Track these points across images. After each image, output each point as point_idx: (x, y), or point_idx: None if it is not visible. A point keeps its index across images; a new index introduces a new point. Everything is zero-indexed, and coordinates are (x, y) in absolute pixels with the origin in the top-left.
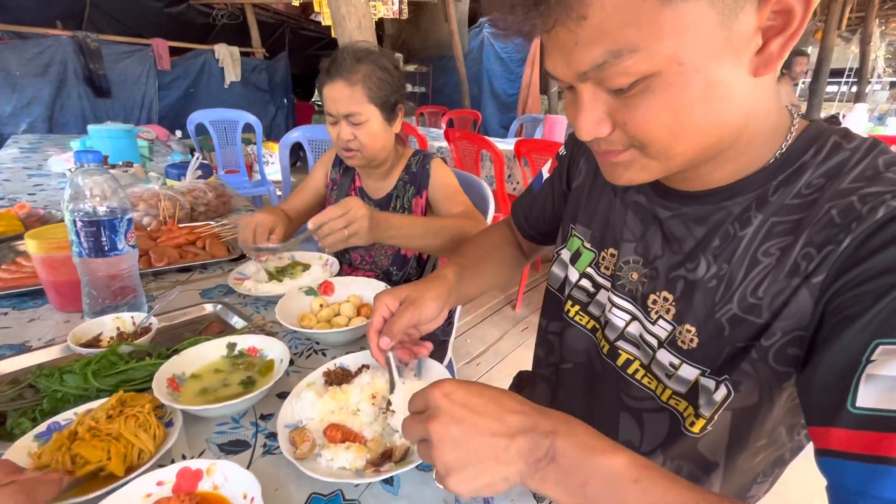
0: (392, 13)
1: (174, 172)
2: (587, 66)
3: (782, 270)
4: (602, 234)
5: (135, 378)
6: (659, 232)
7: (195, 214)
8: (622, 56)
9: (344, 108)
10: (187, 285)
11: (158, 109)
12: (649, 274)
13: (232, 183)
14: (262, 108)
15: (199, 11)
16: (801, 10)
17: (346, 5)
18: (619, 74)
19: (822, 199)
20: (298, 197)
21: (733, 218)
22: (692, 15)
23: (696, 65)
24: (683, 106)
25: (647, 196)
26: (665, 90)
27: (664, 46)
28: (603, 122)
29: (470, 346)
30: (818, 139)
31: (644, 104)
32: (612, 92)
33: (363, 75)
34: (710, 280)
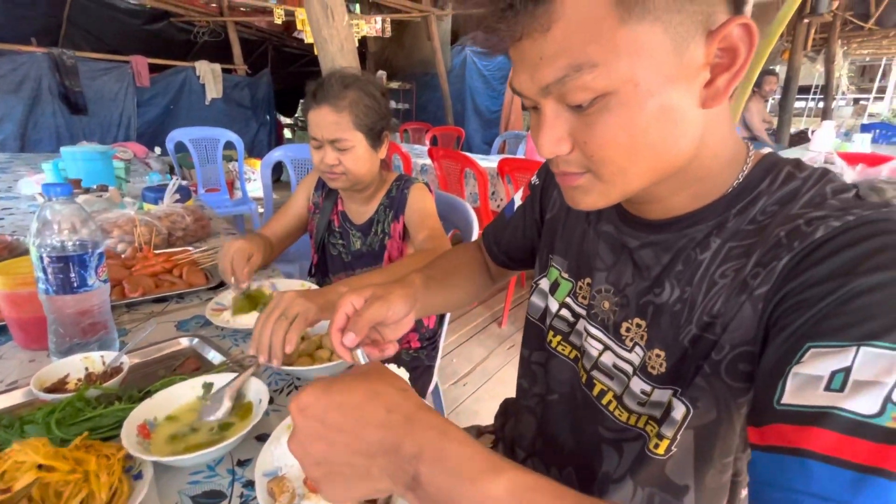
0: (375, 31)
1: (151, 196)
2: (550, 80)
3: (734, 289)
4: (577, 264)
5: (102, 426)
6: (629, 261)
7: (173, 240)
8: (582, 70)
9: (329, 134)
10: (162, 317)
11: (137, 126)
12: (620, 302)
13: (213, 202)
14: (243, 125)
15: (179, 28)
16: (744, 50)
17: (327, 28)
18: (578, 89)
19: (773, 224)
20: (280, 221)
21: (695, 244)
22: (648, 37)
23: (650, 87)
24: (638, 127)
25: (616, 226)
26: (621, 110)
27: (621, 65)
28: (563, 140)
29: (456, 366)
30: (773, 170)
31: (602, 122)
32: (573, 109)
33: (350, 102)
34: (674, 304)
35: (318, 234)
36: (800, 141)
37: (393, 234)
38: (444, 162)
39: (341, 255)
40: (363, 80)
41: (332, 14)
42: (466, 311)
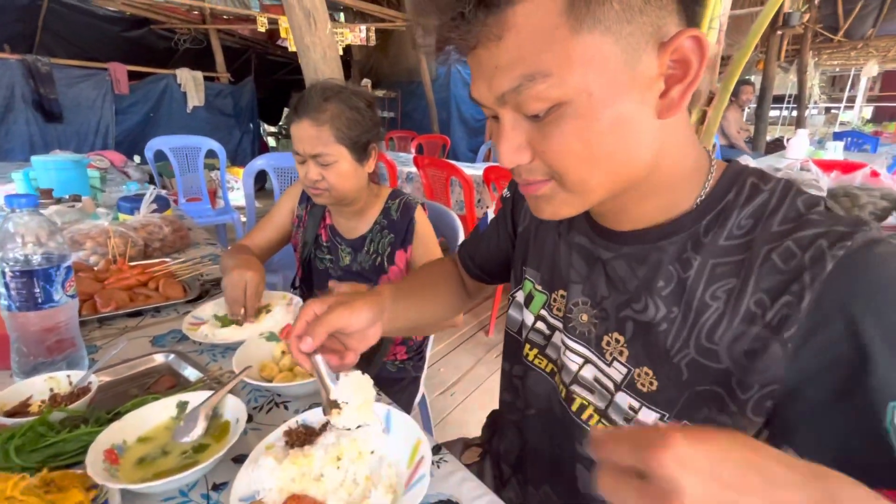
0: (360, 40)
1: (127, 206)
2: (505, 88)
3: (736, 315)
4: (551, 277)
5: (66, 451)
6: (602, 272)
7: (149, 251)
8: (535, 80)
9: (310, 149)
10: (137, 332)
11: (115, 134)
12: (599, 315)
13: (194, 211)
14: (226, 133)
15: (160, 36)
16: (696, 62)
17: (310, 35)
18: (533, 99)
19: (758, 242)
20: (263, 232)
21: (671, 258)
22: (599, 48)
23: (604, 98)
24: (593, 136)
25: (588, 237)
26: (576, 119)
27: (574, 75)
28: (523, 150)
29: (444, 375)
30: (737, 180)
31: (558, 132)
32: (530, 119)
33: (331, 115)
34: (660, 322)
35: (305, 248)
36: (776, 148)
37: (398, 263)
38: (430, 170)
39: (328, 270)
40: (346, 91)
41: (314, 22)
42: None
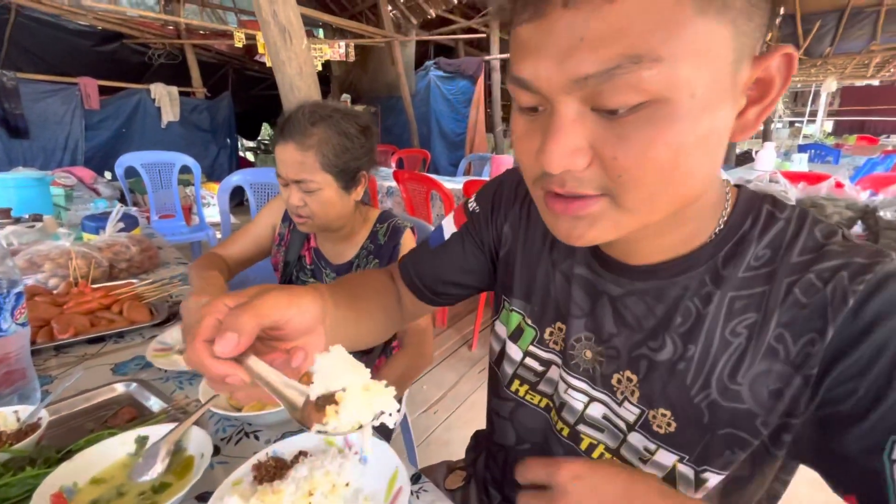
0: (339, 56)
1: (91, 225)
2: (592, 70)
3: (758, 353)
4: (544, 310)
5: (9, 497)
6: (609, 308)
7: (115, 272)
8: (641, 64)
9: (293, 174)
10: (97, 360)
11: (85, 150)
12: (607, 353)
13: (167, 229)
14: (202, 149)
15: (133, 50)
16: (780, 83)
17: (285, 51)
18: (627, 88)
19: (779, 274)
20: (239, 243)
21: (691, 294)
22: (718, 41)
23: (705, 102)
24: (684, 146)
25: (590, 268)
26: (670, 123)
27: (685, 66)
28: (581, 152)
29: (427, 392)
30: (751, 209)
31: (642, 136)
32: (603, 114)
33: (318, 140)
34: (678, 362)
35: (287, 270)
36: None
37: None
38: (410, 184)
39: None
40: (337, 115)
41: (289, 37)
42: (437, 335)
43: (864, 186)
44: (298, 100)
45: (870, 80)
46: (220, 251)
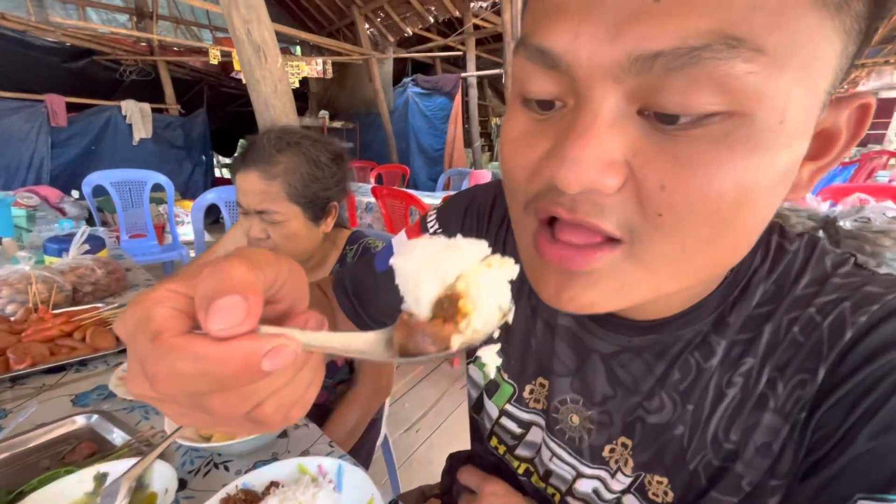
0: (316, 73)
1: (54, 248)
2: (668, 45)
3: (748, 402)
4: (523, 364)
5: None
6: (601, 367)
7: (79, 297)
8: (739, 50)
9: (256, 204)
10: (56, 391)
11: (50, 169)
12: (598, 419)
13: (138, 249)
14: (176, 166)
15: (104, 67)
16: (846, 139)
17: (260, 69)
18: (710, 84)
19: (780, 311)
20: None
21: (693, 346)
22: (826, 50)
23: (792, 134)
24: (756, 189)
25: (576, 319)
26: (750, 151)
27: (785, 75)
28: (616, 168)
29: (408, 411)
30: (759, 243)
31: (712, 162)
32: (656, 123)
33: (284, 169)
34: (675, 423)
35: None
36: None
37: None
38: (389, 200)
39: None
40: (307, 142)
41: (264, 56)
42: None
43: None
44: (274, 118)
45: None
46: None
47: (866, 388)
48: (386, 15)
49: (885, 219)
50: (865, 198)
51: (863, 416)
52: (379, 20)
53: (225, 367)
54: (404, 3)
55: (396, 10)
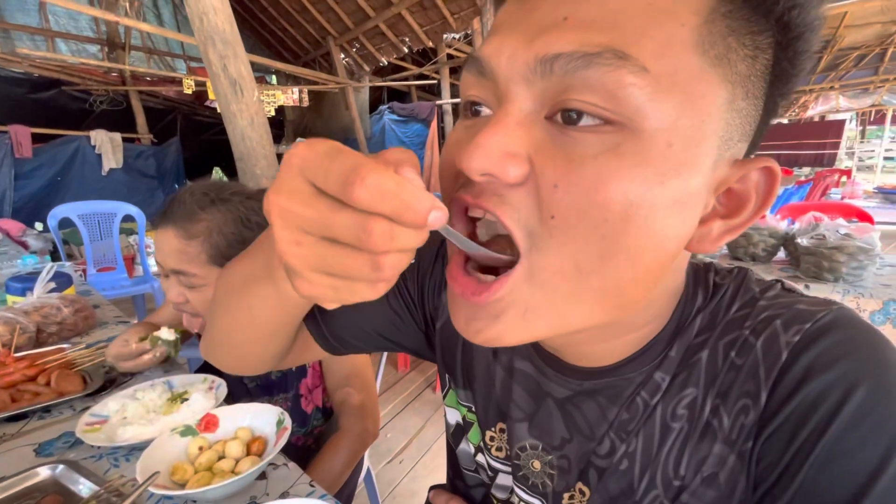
0: (292, 101)
1: (18, 287)
2: (568, 48)
3: (695, 433)
4: (486, 405)
5: None
6: (557, 412)
7: (44, 337)
8: (627, 62)
9: (173, 263)
10: (17, 440)
11: (13, 201)
12: (558, 464)
13: (107, 283)
14: (147, 195)
15: (72, 97)
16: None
17: (236, 103)
18: (601, 88)
19: (713, 337)
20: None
21: (640, 387)
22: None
23: (680, 161)
24: (644, 202)
25: (532, 363)
26: (636, 164)
27: (668, 101)
28: (518, 160)
29: (391, 441)
30: (699, 280)
31: (599, 167)
32: (559, 125)
33: (206, 227)
34: (621, 460)
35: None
36: None
37: (312, 364)
38: None
39: (242, 379)
40: (238, 197)
41: (240, 90)
42: (399, 379)
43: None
44: (250, 149)
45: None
46: (155, 319)
47: (803, 413)
48: (361, 45)
49: (838, 236)
50: (819, 216)
51: (803, 445)
52: (354, 50)
53: (415, 202)
54: (379, 34)
55: (371, 40)
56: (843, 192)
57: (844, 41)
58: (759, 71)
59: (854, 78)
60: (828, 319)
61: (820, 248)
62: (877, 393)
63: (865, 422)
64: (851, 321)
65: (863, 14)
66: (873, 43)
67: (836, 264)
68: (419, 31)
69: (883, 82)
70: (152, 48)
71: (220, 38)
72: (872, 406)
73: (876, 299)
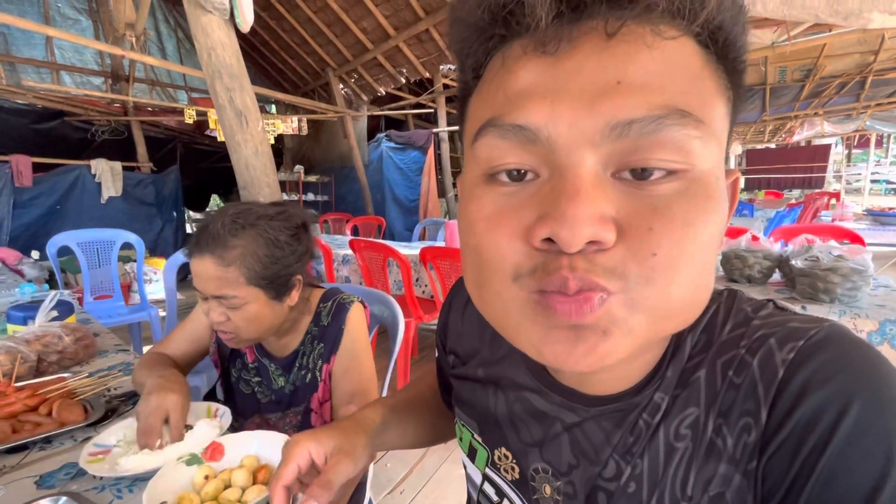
0: (291, 130)
1: (19, 315)
2: (638, 115)
3: (699, 453)
4: (491, 430)
5: None
6: (566, 436)
7: (44, 366)
8: (688, 119)
9: (213, 289)
10: (18, 472)
11: (10, 230)
12: (565, 490)
13: (104, 311)
14: (146, 224)
15: (74, 127)
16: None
17: (241, 133)
18: (673, 146)
19: (710, 356)
20: (177, 344)
21: (640, 409)
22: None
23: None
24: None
25: (538, 391)
26: (705, 203)
27: (714, 143)
28: (610, 222)
29: (391, 471)
30: None
31: (683, 210)
32: (631, 182)
33: (241, 253)
34: (627, 483)
35: (225, 366)
36: None
37: (324, 377)
38: (366, 253)
39: (256, 394)
40: (263, 223)
41: (245, 121)
42: None
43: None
44: (254, 178)
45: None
46: (166, 350)
47: (802, 431)
48: (359, 76)
49: (831, 257)
50: (812, 238)
51: (805, 463)
52: (353, 81)
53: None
54: (377, 65)
55: (370, 72)
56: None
57: (825, 70)
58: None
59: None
60: (821, 336)
61: (814, 270)
62: (873, 406)
63: (864, 437)
64: (844, 337)
65: (841, 45)
66: (853, 72)
67: (830, 285)
68: (416, 62)
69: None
70: (155, 80)
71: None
72: (870, 420)
73: (872, 320)
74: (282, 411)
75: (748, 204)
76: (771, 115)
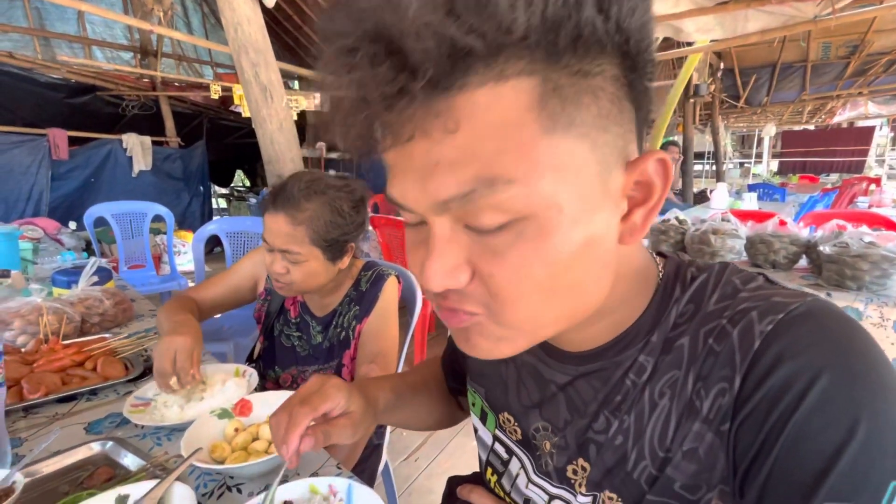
0: (314, 106)
1: (63, 280)
2: (451, 194)
3: (679, 412)
4: (497, 395)
5: None
6: (561, 395)
7: (87, 327)
8: (495, 187)
9: (281, 244)
10: (69, 419)
11: (49, 201)
12: (559, 443)
13: (137, 279)
14: (174, 197)
15: (106, 102)
16: (660, 186)
17: (266, 108)
18: (488, 209)
19: (694, 325)
20: (215, 289)
21: (627, 369)
22: (573, 155)
23: (576, 214)
24: (562, 261)
25: (537, 357)
26: (540, 239)
27: (543, 184)
28: (461, 269)
29: (406, 439)
30: (679, 275)
31: (516, 252)
32: (476, 232)
33: (310, 216)
34: (616, 436)
35: (268, 322)
36: (701, 199)
37: (356, 336)
38: (387, 230)
39: (296, 347)
40: (331, 192)
41: (270, 96)
42: None
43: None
44: (278, 153)
45: (805, 125)
46: (193, 294)
47: (773, 398)
48: None
49: (861, 244)
50: (843, 224)
51: (773, 428)
52: None
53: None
54: None
55: None
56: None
57: (873, 46)
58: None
59: (884, 83)
60: (802, 310)
61: (843, 256)
62: (843, 377)
63: (830, 405)
64: (824, 311)
65: (892, 18)
66: None
67: (859, 272)
68: None
69: None
70: (182, 55)
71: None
72: (836, 391)
73: None
74: (319, 365)
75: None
76: (811, 95)
